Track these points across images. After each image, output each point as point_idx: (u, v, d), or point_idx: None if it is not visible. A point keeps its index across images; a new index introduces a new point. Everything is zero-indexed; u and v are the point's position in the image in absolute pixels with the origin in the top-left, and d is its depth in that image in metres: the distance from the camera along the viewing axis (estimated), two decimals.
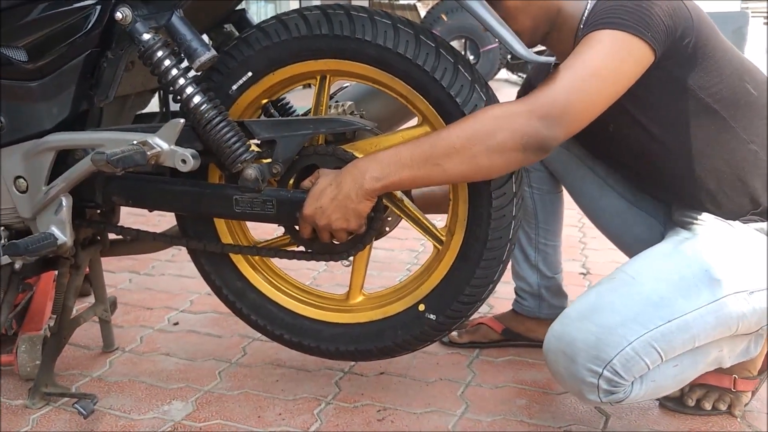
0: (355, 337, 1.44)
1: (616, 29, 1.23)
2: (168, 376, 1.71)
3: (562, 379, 1.32)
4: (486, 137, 1.17)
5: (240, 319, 1.52)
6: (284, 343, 1.50)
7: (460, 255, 1.34)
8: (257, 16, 7.55)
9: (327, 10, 1.27)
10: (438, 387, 1.63)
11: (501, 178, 1.28)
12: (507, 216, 1.30)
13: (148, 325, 2.01)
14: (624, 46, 1.22)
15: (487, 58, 7.94)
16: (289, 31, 1.28)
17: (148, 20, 1.25)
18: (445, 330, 1.40)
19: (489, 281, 1.35)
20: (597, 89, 1.21)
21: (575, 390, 1.31)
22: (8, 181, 1.39)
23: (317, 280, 2.34)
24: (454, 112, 1.25)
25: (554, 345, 1.30)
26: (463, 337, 1.82)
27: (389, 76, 1.27)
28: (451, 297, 1.35)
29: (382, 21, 1.25)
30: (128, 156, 1.21)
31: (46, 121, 1.34)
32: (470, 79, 1.25)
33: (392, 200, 1.35)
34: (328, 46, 1.27)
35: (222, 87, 1.33)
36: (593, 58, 1.22)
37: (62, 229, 1.39)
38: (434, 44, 1.25)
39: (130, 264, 2.51)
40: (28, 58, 1.30)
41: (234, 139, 1.27)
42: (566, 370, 1.28)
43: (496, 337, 1.82)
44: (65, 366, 1.75)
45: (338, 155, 1.30)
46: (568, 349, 1.27)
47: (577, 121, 1.21)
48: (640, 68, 1.25)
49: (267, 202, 1.31)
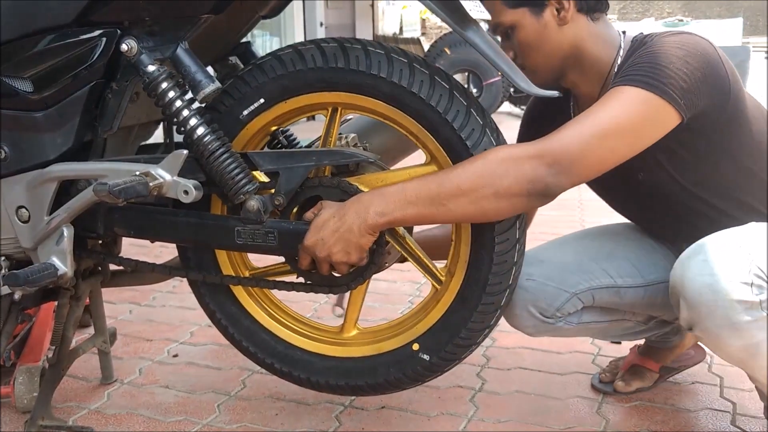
0: (347, 371, 1.42)
1: (648, 90, 1.22)
2: (166, 409, 1.69)
3: (709, 290, 1.21)
4: (494, 180, 1.17)
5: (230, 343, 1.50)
6: (274, 373, 1.48)
7: (459, 297, 1.33)
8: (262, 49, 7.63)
9: (344, 44, 1.27)
10: (440, 422, 1.61)
11: (505, 224, 1.27)
12: (508, 262, 1.29)
13: (148, 356, 2.00)
14: (651, 109, 1.22)
15: (490, 92, 7.99)
16: (305, 61, 1.28)
17: (154, 52, 1.25)
18: (438, 372, 1.39)
19: (486, 325, 1.34)
20: (613, 147, 1.21)
21: (728, 293, 1.20)
22: (10, 210, 1.39)
23: (318, 312, 2.32)
24: (463, 154, 1.24)
25: (691, 261, 1.24)
26: (631, 384, 1.71)
27: (401, 113, 1.27)
28: (446, 339, 1.34)
29: (399, 59, 1.25)
30: (130, 187, 1.21)
31: (50, 152, 1.34)
32: (482, 123, 1.25)
33: (394, 236, 1.34)
34: (342, 79, 1.27)
35: (233, 111, 1.33)
36: (617, 115, 1.21)
37: (63, 260, 1.38)
38: (449, 86, 1.25)
39: (131, 295, 2.50)
40: (33, 89, 1.31)
41: (237, 171, 1.27)
42: (712, 274, 1.21)
43: (656, 377, 1.73)
44: (63, 398, 1.73)
45: (343, 188, 1.29)
46: (708, 255, 1.22)
47: (585, 174, 1.22)
48: (662, 132, 1.25)
49: (269, 234, 1.30)
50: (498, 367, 1.87)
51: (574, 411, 1.64)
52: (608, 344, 1.98)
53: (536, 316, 1.47)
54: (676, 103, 1.22)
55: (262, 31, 8.07)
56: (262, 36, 8.09)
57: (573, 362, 1.89)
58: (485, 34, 1.26)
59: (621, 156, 1.23)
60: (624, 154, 1.23)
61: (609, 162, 1.23)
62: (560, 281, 1.47)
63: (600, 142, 1.20)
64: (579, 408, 1.66)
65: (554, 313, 1.47)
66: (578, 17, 1.37)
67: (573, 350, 1.96)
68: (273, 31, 8.28)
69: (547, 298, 1.46)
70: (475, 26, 1.24)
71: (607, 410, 1.64)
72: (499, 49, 1.24)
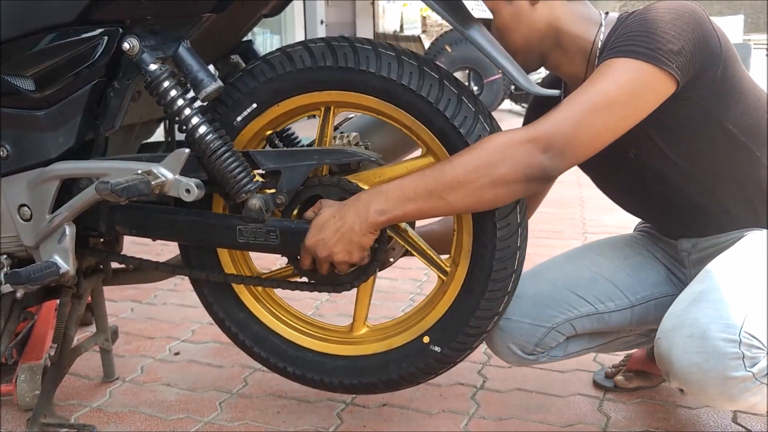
0: (360, 369, 1.42)
1: (637, 59, 1.19)
2: (168, 407, 1.69)
3: (698, 369, 1.16)
4: (489, 170, 1.17)
5: (234, 343, 1.51)
6: (286, 376, 1.49)
7: (465, 286, 1.33)
8: (263, 47, 7.63)
9: (331, 42, 1.28)
10: (441, 419, 1.61)
11: (505, 209, 1.27)
12: (512, 247, 1.30)
13: (149, 354, 2.00)
14: (643, 78, 1.18)
15: (491, 89, 7.99)
16: (294, 63, 1.29)
17: (155, 51, 1.26)
18: (450, 362, 1.39)
19: (494, 313, 1.34)
20: (606, 122, 1.18)
21: (719, 373, 1.14)
22: (12, 209, 1.40)
23: (320, 310, 2.33)
24: (458, 142, 1.25)
25: (676, 335, 1.18)
26: (632, 382, 1.70)
27: (393, 107, 1.27)
28: (455, 329, 1.34)
29: (386, 53, 1.26)
30: (132, 185, 1.21)
31: (52, 150, 1.35)
32: (474, 110, 1.26)
33: (397, 231, 1.34)
34: (332, 77, 1.27)
35: (227, 118, 1.34)
36: (607, 89, 1.18)
37: (65, 258, 1.38)
38: (438, 76, 1.25)
39: (133, 293, 2.50)
40: (35, 88, 1.31)
41: (239, 170, 1.28)
42: (701, 352, 1.14)
43: (660, 379, 1.71)
44: (65, 396, 1.74)
45: (343, 186, 1.30)
46: (694, 329, 1.16)
47: (581, 153, 1.20)
48: (658, 100, 1.21)
49: (270, 233, 1.30)
50: (499, 364, 1.87)
51: (575, 408, 1.65)
52: None
53: (517, 353, 1.46)
54: (668, 66, 1.18)
55: (263, 29, 8.08)
56: (262, 34, 8.09)
57: (574, 360, 1.89)
58: (486, 32, 1.26)
59: (616, 129, 1.19)
60: (619, 127, 1.20)
61: (604, 137, 1.19)
62: (534, 317, 1.45)
63: (592, 117, 1.17)
64: (580, 406, 1.66)
65: (534, 350, 1.46)
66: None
67: None
68: (274, 29, 8.29)
69: (524, 336, 1.44)
70: (476, 24, 1.24)
71: (608, 408, 1.64)
72: (500, 46, 1.24)
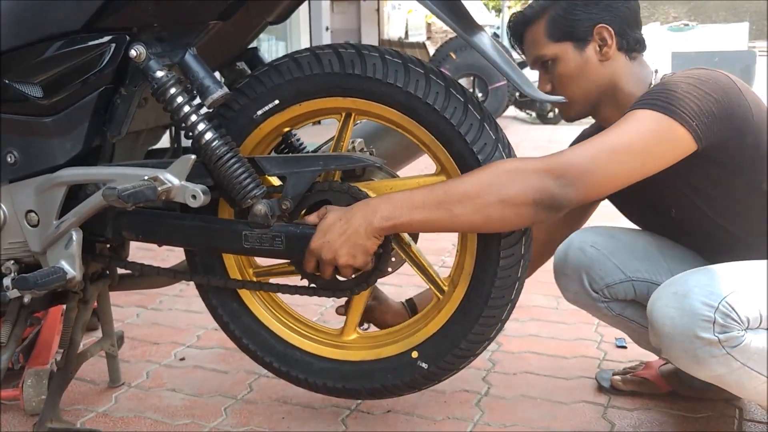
0: (345, 374, 1.43)
1: (656, 110, 1.24)
2: (174, 413, 1.69)
3: (671, 323, 1.23)
4: (499, 188, 1.18)
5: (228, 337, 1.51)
6: (272, 371, 1.49)
7: (461, 308, 1.33)
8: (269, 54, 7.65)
9: (362, 51, 1.28)
10: (446, 426, 1.61)
11: (512, 239, 1.28)
12: (512, 276, 1.30)
13: (155, 360, 2.00)
14: (662, 129, 1.24)
15: (496, 96, 7.99)
16: (322, 66, 1.28)
17: (162, 58, 1.26)
18: (435, 380, 1.39)
19: (485, 338, 1.34)
20: (621, 162, 1.22)
21: (688, 329, 1.21)
22: (20, 215, 1.40)
23: (324, 316, 2.33)
24: (474, 167, 1.25)
25: (665, 289, 1.26)
26: (627, 385, 1.72)
27: (415, 123, 1.27)
28: (446, 349, 1.34)
29: (415, 69, 1.26)
30: (139, 191, 1.22)
31: (59, 156, 1.35)
32: (494, 138, 1.26)
33: (399, 243, 1.34)
34: (358, 86, 1.27)
35: (247, 110, 1.34)
36: (628, 133, 1.24)
37: (72, 264, 1.39)
38: (463, 99, 1.26)
39: (138, 298, 2.51)
40: (43, 94, 1.32)
41: (244, 175, 1.28)
42: (677, 308, 1.23)
43: (661, 393, 1.71)
44: (71, 401, 1.74)
45: (352, 193, 1.30)
46: (681, 287, 1.24)
47: (592, 189, 1.22)
48: (677, 154, 1.26)
49: (276, 238, 1.31)
50: (504, 371, 1.88)
51: (580, 416, 1.64)
52: (614, 349, 1.99)
53: (584, 284, 1.47)
54: (686, 122, 1.24)
55: (268, 36, 8.10)
56: (268, 40, 8.11)
57: (579, 367, 1.89)
58: (490, 39, 1.26)
59: (632, 172, 1.24)
60: (634, 172, 1.24)
61: (619, 179, 1.24)
62: (622, 261, 1.47)
63: (608, 157, 1.22)
64: (585, 413, 1.66)
65: (602, 289, 1.47)
66: (618, 55, 1.42)
67: (579, 355, 1.96)
68: (279, 35, 8.31)
69: (603, 271, 1.46)
70: (481, 31, 1.25)
71: (613, 415, 1.64)
72: (504, 53, 1.25)
